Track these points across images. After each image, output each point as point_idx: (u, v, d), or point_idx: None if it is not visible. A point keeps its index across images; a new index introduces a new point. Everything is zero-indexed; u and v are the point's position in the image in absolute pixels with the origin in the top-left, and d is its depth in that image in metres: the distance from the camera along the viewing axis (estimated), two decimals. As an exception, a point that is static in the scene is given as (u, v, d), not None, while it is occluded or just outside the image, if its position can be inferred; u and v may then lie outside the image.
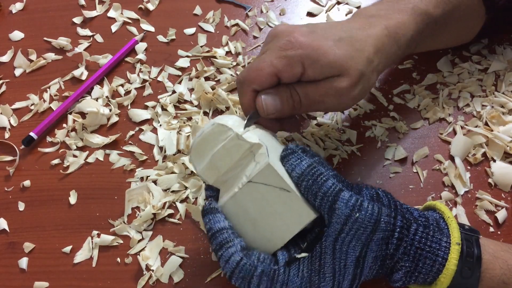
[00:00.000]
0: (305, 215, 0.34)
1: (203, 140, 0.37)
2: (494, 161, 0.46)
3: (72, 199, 0.48)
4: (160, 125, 0.52)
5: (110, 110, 0.54)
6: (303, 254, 0.34)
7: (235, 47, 0.58)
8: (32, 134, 0.52)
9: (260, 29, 0.60)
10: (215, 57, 0.57)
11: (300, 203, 0.34)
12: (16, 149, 0.52)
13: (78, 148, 0.52)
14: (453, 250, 0.33)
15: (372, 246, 0.33)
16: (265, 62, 0.37)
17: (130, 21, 0.63)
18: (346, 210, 0.32)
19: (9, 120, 0.55)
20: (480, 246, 0.34)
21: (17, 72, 0.59)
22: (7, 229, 0.47)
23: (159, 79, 0.56)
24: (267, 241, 0.35)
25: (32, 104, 0.56)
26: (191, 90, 0.55)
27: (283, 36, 0.37)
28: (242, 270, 0.33)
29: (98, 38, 0.61)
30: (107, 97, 0.55)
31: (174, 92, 0.55)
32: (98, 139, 0.52)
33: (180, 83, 0.56)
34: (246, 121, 0.38)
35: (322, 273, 0.33)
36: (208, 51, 0.58)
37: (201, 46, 0.59)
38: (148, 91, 0.55)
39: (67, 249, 0.45)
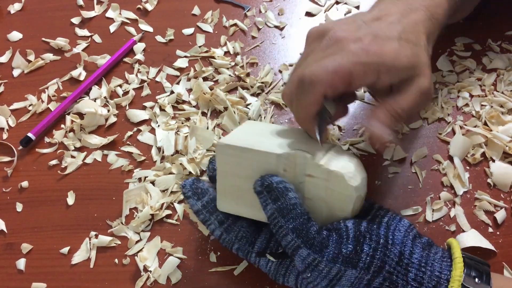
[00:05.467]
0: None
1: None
2: (493, 161, 0.45)
3: (70, 200, 0.48)
4: (158, 126, 0.52)
5: (108, 110, 0.54)
6: (272, 258, 0.36)
7: (233, 47, 0.58)
8: (30, 134, 0.52)
9: (259, 29, 0.60)
10: (213, 57, 0.57)
11: None
12: (14, 149, 0.52)
13: (76, 149, 0.52)
14: None
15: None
16: (340, 66, 0.34)
17: (128, 21, 0.63)
18: (302, 266, 0.33)
19: (7, 121, 0.55)
20: None
21: (15, 72, 0.59)
22: (5, 230, 0.47)
23: (157, 79, 0.56)
24: None
25: (30, 105, 0.56)
26: (189, 90, 0.55)
27: (347, 41, 0.35)
28: (223, 242, 0.38)
29: (97, 38, 0.61)
30: (105, 97, 0.55)
31: (172, 92, 0.55)
32: (96, 140, 0.52)
33: (178, 83, 0.56)
34: (317, 134, 0.36)
35: (287, 279, 0.36)
36: (206, 51, 0.58)
37: (200, 46, 0.58)
38: (146, 91, 0.55)
39: (65, 250, 0.45)
